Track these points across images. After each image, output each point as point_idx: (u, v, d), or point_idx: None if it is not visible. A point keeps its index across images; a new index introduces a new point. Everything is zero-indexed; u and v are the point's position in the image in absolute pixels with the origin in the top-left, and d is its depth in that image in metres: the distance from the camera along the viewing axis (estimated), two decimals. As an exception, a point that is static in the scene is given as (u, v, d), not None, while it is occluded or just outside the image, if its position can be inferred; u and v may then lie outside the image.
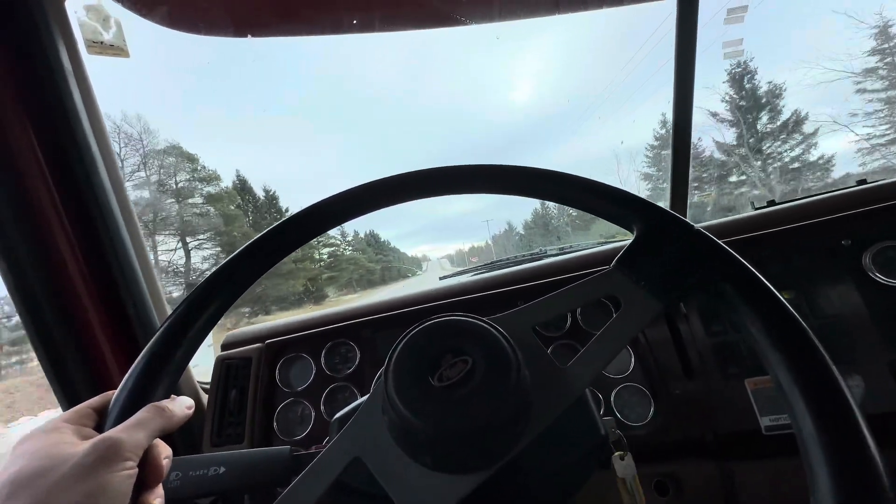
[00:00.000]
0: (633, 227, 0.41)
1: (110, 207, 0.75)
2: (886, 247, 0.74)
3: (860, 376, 0.70)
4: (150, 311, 0.81)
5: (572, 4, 1.10)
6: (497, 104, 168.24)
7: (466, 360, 0.33)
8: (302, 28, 1.01)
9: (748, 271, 0.35)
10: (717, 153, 15.28)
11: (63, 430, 0.30)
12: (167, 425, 0.33)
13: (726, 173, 15.07)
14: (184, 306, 0.38)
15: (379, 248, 43.48)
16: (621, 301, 0.37)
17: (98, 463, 0.27)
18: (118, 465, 0.28)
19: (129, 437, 0.30)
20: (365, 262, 34.70)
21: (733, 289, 0.34)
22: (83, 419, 0.33)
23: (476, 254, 49.68)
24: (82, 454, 0.28)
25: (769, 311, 0.32)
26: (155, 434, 0.32)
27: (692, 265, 0.36)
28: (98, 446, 0.28)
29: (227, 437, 0.84)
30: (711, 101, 15.32)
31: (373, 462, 0.32)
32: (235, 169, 32.69)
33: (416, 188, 0.45)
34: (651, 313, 0.36)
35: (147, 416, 0.32)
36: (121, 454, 0.28)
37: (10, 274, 0.68)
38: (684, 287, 0.36)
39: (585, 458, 0.43)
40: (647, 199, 0.41)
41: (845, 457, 0.26)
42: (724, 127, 15.26)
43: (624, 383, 0.79)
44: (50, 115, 0.69)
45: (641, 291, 0.37)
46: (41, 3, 0.68)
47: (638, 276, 0.37)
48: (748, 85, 15.49)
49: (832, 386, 0.29)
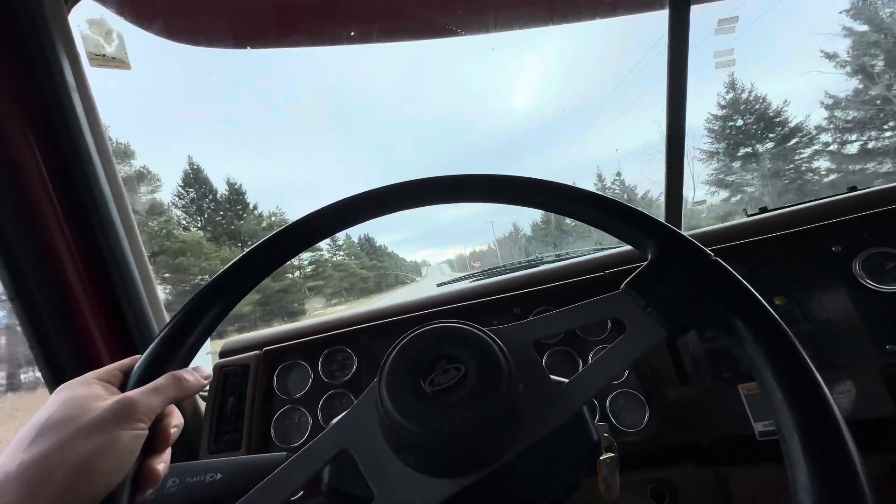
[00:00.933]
0: (647, 250, 0.40)
1: (111, 217, 0.76)
2: (875, 253, 0.75)
3: (851, 381, 0.71)
4: (149, 319, 0.82)
5: (566, 15, 1.12)
6: (495, 110, 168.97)
7: (459, 366, 0.33)
8: (300, 40, 1.03)
9: (764, 310, 0.33)
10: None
11: (94, 384, 0.33)
12: (182, 394, 0.35)
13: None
14: (209, 285, 0.41)
15: (374, 253, 41.27)
16: (626, 324, 0.36)
17: (114, 419, 0.30)
18: (131, 425, 0.31)
19: (145, 399, 0.32)
20: (357, 269, 32.47)
21: (744, 325, 0.33)
22: (112, 378, 0.36)
23: (479, 258, 48.23)
24: (103, 409, 0.30)
25: (782, 360, 0.31)
26: (170, 400, 0.34)
27: (705, 295, 0.35)
28: (116, 404, 0.31)
29: (224, 444, 0.85)
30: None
31: (360, 455, 0.33)
32: (187, 154, 29.46)
33: (430, 194, 0.46)
34: (654, 340, 0.35)
35: (164, 384, 0.34)
36: (135, 415, 0.31)
37: (11, 282, 0.69)
38: (693, 317, 0.35)
39: (577, 464, 0.44)
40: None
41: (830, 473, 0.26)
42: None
43: (619, 389, 0.80)
44: (52, 127, 0.70)
45: (648, 317, 0.36)
46: (45, 17, 0.70)
47: (647, 301, 0.36)
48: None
49: (838, 441, 0.27)
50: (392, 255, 52.39)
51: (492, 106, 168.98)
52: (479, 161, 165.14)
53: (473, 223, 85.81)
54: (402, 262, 62.41)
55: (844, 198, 0.87)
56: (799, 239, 0.80)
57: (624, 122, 23.94)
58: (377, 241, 44.90)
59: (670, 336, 0.35)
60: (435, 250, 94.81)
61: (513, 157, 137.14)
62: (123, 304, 0.77)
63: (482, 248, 51.48)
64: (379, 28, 1.05)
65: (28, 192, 0.70)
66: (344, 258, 33.30)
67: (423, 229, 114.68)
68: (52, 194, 0.71)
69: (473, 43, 1.13)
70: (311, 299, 25.65)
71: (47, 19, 0.70)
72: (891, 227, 0.76)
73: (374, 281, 35.52)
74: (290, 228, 0.44)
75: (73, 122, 0.71)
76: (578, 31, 19.46)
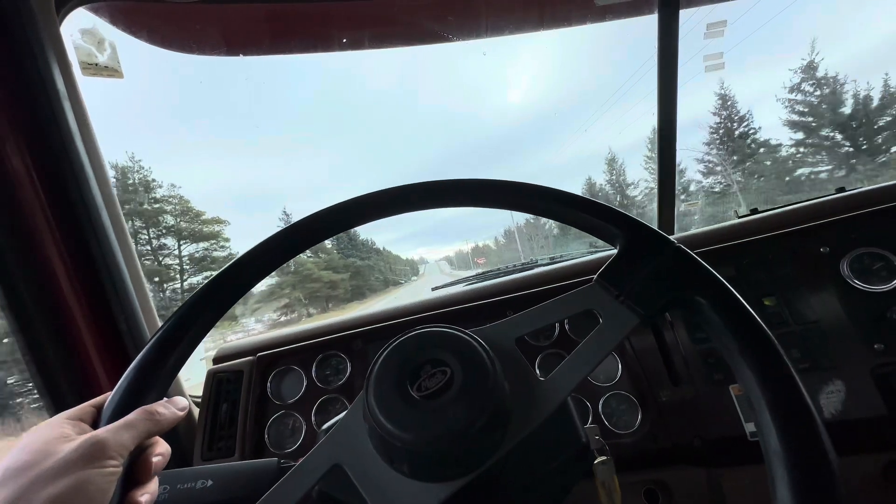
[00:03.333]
0: (615, 242, 0.42)
1: (102, 224, 0.76)
2: (863, 253, 0.75)
3: (841, 381, 0.71)
4: (141, 326, 0.81)
5: (556, 20, 1.14)
6: (489, 111, 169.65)
7: (445, 370, 0.34)
8: (293, 46, 1.03)
9: (723, 287, 0.36)
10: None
11: (62, 425, 0.33)
12: (155, 428, 0.34)
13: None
14: (178, 315, 0.40)
15: (354, 249, 32.50)
16: (600, 315, 0.38)
17: (80, 460, 0.29)
18: (101, 463, 0.30)
19: (115, 437, 0.31)
20: (318, 272, 24.30)
21: (708, 304, 0.35)
22: (83, 416, 0.35)
23: (480, 254, 45.24)
24: (68, 451, 0.30)
25: (742, 329, 0.33)
26: (142, 436, 0.33)
27: (670, 280, 0.38)
28: (83, 444, 0.30)
29: (217, 451, 0.84)
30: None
31: (353, 469, 0.33)
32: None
33: (401, 203, 0.46)
34: (629, 327, 0.37)
35: (136, 419, 0.33)
36: (105, 453, 0.30)
37: (2, 289, 0.69)
38: (662, 301, 0.37)
39: (567, 466, 0.44)
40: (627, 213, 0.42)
41: (806, 480, 0.27)
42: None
43: (612, 391, 0.80)
44: (44, 135, 0.70)
45: (620, 306, 0.38)
46: (37, 27, 0.70)
47: (618, 291, 0.38)
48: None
49: (799, 406, 0.29)
50: (382, 253, 44.53)
51: (487, 105, 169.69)
52: (480, 160, 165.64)
53: (469, 220, 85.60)
54: (396, 260, 55.33)
55: (832, 199, 0.88)
56: (788, 240, 0.81)
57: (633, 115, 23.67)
58: (364, 238, 37.43)
59: (643, 321, 0.37)
60: (431, 248, 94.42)
61: (512, 157, 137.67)
62: (115, 309, 0.77)
63: (488, 243, 48.64)
64: (371, 34, 1.06)
65: (19, 198, 0.70)
66: (310, 263, 25.09)
67: (420, 227, 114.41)
68: (43, 201, 0.71)
69: (466, 45, 1.15)
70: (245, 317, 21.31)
71: (39, 29, 0.70)
72: (878, 228, 0.77)
73: (354, 286, 26.78)
74: (243, 260, 0.43)
75: (65, 129, 0.71)
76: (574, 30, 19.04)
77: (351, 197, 0.47)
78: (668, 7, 1.01)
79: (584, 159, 42.29)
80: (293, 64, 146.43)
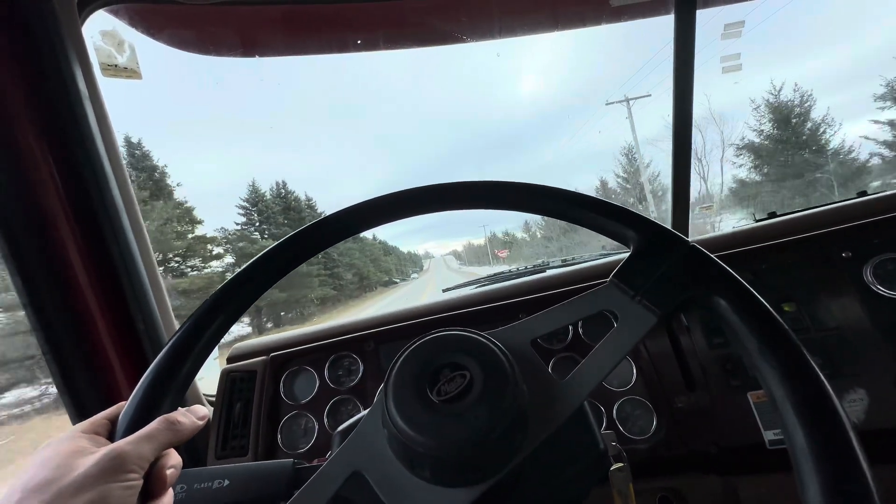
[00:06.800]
0: (629, 243, 0.42)
1: (122, 225, 0.77)
2: (887, 259, 0.74)
3: (864, 390, 0.69)
4: (158, 326, 0.82)
5: (571, 21, 1.13)
6: (499, 109, 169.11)
7: (464, 374, 0.33)
8: (308, 48, 1.04)
9: (740, 286, 0.35)
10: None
11: (78, 439, 0.32)
12: (175, 438, 0.34)
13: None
14: (191, 322, 0.40)
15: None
16: (617, 315, 0.38)
17: (102, 474, 0.29)
18: (122, 477, 0.29)
19: (135, 449, 0.31)
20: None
21: (726, 303, 0.35)
22: (98, 428, 0.34)
23: (498, 246, 41.85)
24: (89, 465, 0.29)
25: (761, 326, 0.33)
26: (162, 447, 0.33)
27: (686, 279, 0.37)
28: (103, 458, 0.29)
29: (231, 450, 0.85)
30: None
31: (373, 475, 0.33)
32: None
33: (411, 206, 0.46)
34: (646, 327, 0.37)
35: (156, 429, 0.33)
36: (125, 466, 0.30)
37: (24, 290, 0.70)
38: (678, 300, 0.37)
39: (584, 473, 0.44)
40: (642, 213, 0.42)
41: (836, 472, 0.26)
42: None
43: (626, 396, 0.79)
44: (65, 136, 0.71)
45: (637, 306, 0.37)
46: (59, 29, 0.71)
47: (634, 291, 0.38)
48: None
49: (824, 401, 0.29)
50: (377, 245, 39.72)
51: (499, 103, 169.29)
52: (486, 159, 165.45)
53: (474, 214, 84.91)
54: (399, 253, 51.64)
55: (854, 203, 0.86)
56: (808, 244, 0.79)
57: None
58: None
59: (660, 321, 0.37)
60: (439, 242, 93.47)
61: (525, 155, 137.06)
62: (133, 309, 0.78)
63: (512, 233, 45.10)
64: (385, 35, 1.06)
65: (40, 199, 0.71)
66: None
67: (425, 221, 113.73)
68: (64, 202, 0.72)
69: (479, 44, 1.15)
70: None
71: (62, 31, 0.71)
72: None
73: (322, 289, 21.20)
74: (258, 262, 0.43)
75: (86, 131, 0.72)
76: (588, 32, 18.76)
77: (373, 196, 0.47)
78: (685, 7, 1.00)
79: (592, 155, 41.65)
80: (306, 65, 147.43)
